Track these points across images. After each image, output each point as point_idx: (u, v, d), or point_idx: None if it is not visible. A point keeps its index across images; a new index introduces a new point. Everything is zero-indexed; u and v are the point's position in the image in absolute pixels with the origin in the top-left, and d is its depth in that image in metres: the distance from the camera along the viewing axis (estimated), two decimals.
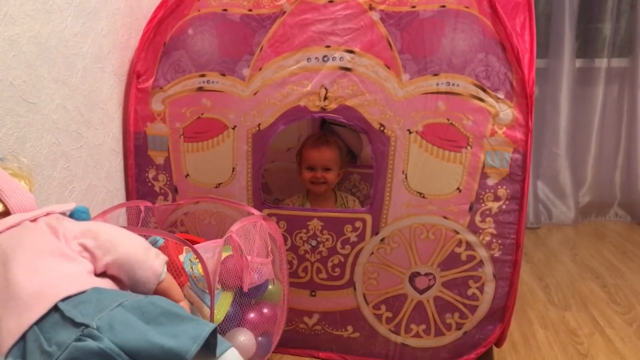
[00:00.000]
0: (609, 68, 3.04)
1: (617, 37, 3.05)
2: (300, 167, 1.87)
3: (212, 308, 1.27)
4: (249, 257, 1.38)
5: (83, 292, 0.90)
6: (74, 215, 1.10)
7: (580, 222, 3.14)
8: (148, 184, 1.72)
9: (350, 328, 1.69)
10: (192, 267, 1.37)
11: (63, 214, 1.07)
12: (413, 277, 1.62)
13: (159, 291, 1.07)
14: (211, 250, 1.30)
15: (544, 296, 2.20)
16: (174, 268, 1.32)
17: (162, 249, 1.33)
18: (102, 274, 1.02)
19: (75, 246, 0.99)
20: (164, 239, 1.33)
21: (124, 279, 1.04)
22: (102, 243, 1.01)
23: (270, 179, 2.18)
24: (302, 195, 1.93)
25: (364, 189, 2.19)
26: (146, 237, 1.25)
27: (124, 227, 1.16)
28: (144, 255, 1.06)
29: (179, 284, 1.20)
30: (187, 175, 1.68)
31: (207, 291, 1.28)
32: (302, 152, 1.88)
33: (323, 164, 1.83)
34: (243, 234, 1.40)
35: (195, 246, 1.28)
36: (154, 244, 1.33)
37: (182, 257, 1.37)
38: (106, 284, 0.98)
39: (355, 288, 1.66)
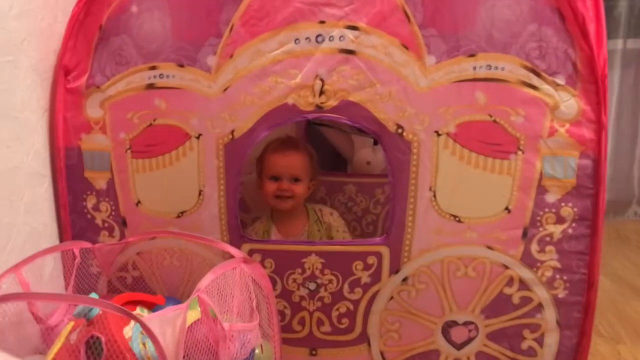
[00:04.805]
0: (624, 50, 2.94)
1: (632, 14, 2.92)
2: (261, 178, 1.61)
3: None
4: (225, 325, 1.10)
5: None
6: None
7: None
8: (87, 215, 1.49)
9: None
10: (144, 344, 1.07)
11: None
12: (447, 327, 1.43)
13: None
14: (170, 322, 1.01)
15: None
16: (115, 349, 1.02)
17: (100, 319, 1.04)
18: None
19: None
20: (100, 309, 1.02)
21: None
22: None
23: (247, 194, 1.95)
24: (265, 218, 1.67)
25: (362, 202, 2.01)
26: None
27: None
28: None
29: None
30: (139, 202, 1.46)
31: None
32: (263, 159, 1.63)
33: (290, 172, 1.59)
34: (216, 291, 1.13)
35: (148, 316, 1.00)
36: (85, 314, 1.04)
37: (128, 331, 1.07)
38: None
39: (369, 344, 1.46)
